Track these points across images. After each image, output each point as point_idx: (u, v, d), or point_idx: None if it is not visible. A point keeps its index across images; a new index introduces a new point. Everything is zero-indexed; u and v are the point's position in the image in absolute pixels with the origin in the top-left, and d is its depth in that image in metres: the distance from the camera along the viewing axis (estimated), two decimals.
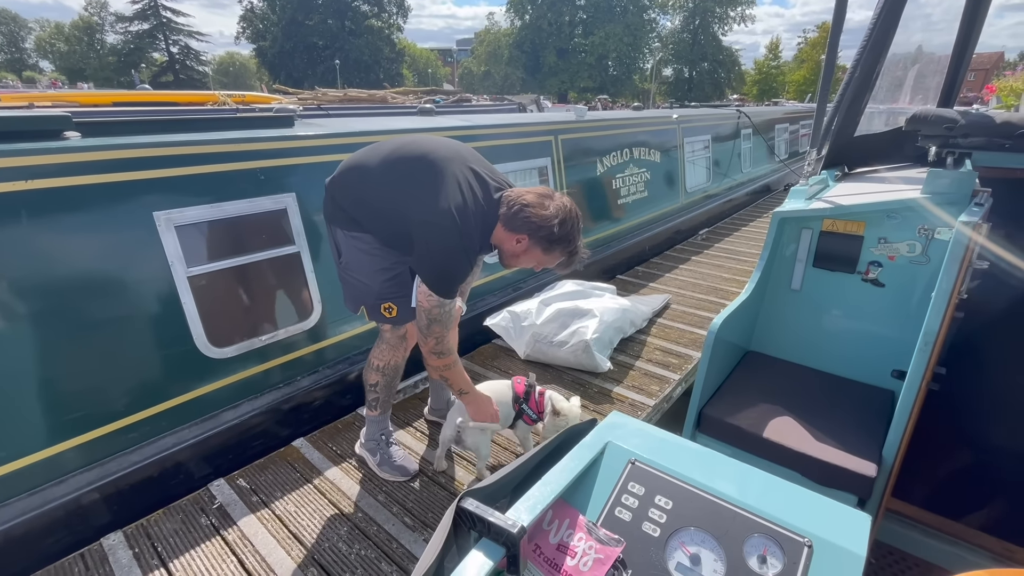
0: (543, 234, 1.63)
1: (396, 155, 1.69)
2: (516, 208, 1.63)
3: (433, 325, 1.70)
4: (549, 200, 1.66)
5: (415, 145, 1.71)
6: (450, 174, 1.62)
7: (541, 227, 1.62)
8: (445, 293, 1.65)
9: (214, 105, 4.97)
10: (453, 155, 1.68)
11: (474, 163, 1.72)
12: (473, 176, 1.67)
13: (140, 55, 41.80)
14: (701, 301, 3.97)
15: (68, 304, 1.82)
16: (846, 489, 1.59)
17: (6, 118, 1.77)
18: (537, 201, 1.64)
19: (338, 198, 1.76)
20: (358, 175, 1.72)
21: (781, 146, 9.14)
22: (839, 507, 0.75)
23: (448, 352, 1.77)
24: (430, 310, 1.67)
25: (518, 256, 1.73)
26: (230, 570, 1.73)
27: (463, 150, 1.75)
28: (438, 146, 1.71)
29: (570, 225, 1.66)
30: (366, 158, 1.74)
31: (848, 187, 2.26)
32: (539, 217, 1.62)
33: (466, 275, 1.72)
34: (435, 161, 1.64)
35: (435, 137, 1.80)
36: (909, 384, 1.53)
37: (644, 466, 0.83)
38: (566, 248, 1.69)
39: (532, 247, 1.68)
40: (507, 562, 0.73)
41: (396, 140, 1.76)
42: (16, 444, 1.75)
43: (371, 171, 1.69)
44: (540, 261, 1.74)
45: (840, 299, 2.10)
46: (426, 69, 55.23)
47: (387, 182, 1.66)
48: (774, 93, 44.14)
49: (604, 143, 4.60)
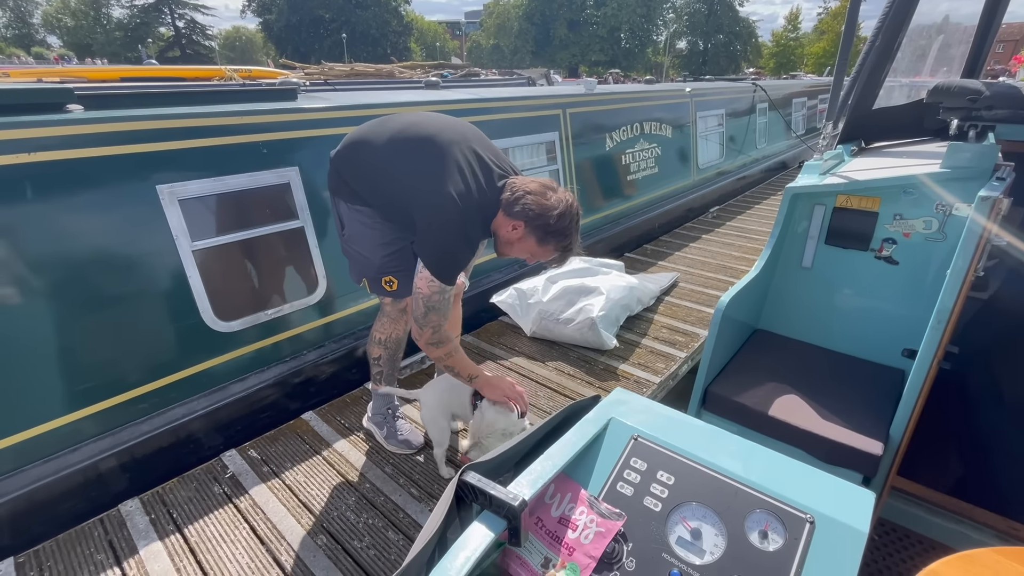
0: (540, 223, 1.61)
1: (402, 135, 1.66)
2: (519, 195, 1.62)
3: (430, 314, 1.67)
4: (552, 192, 1.64)
5: (421, 126, 1.68)
6: (453, 158, 1.60)
7: (539, 216, 1.60)
8: (447, 278, 1.63)
9: (220, 80, 4.92)
10: (458, 138, 1.66)
11: (479, 146, 1.69)
12: (477, 160, 1.64)
13: (146, 30, 41.43)
14: (710, 280, 3.93)
15: (74, 276, 1.84)
16: (851, 467, 1.58)
17: (9, 91, 1.77)
18: (539, 190, 1.62)
19: (342, 172, 1.75)
20: (363, 151, 1.70)
21: (799, 121, 8.88)
22: (843, 484, 0.75)
23: (445, 340, 1.74)
24: (429, 296, 1.65)
25: (512, 244, 1.69)
26: (243, 536, 1.78)
27: (469, 132, 1.72)
28: (444, 128, 1.68)
29: (568, 220, 1.63)
30: (372, 134, 1.71)
31: (864, 162, 2.20)
32: (539, 206, 1.60)
33: (468, 260, 1.71)
34: (440, 144, 1.62)
35: (443, 117, 1.76)
36: (920, 362, 1.51)
37: (647, 442, 0.83)
38: (561, 242, 1.66)
39: (527, 236, 1.65)
40: (508, 534, 0.74)
41: (404, 118, 1.73)
42: (31, 412, 1.80)
43: (376, 149, 1.67)
44: (533, 252, 1.70)
45: (852, 277, 2.06)
46: (434, 43, 54.17)
47: (391, 163, 1.65)
48: (792, 66, 42.73)
49: (614, 117, 4.50)
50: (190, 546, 1.75)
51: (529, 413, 1.93)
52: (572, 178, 4.04)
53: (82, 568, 1.66)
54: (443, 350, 1.76)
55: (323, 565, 1.68)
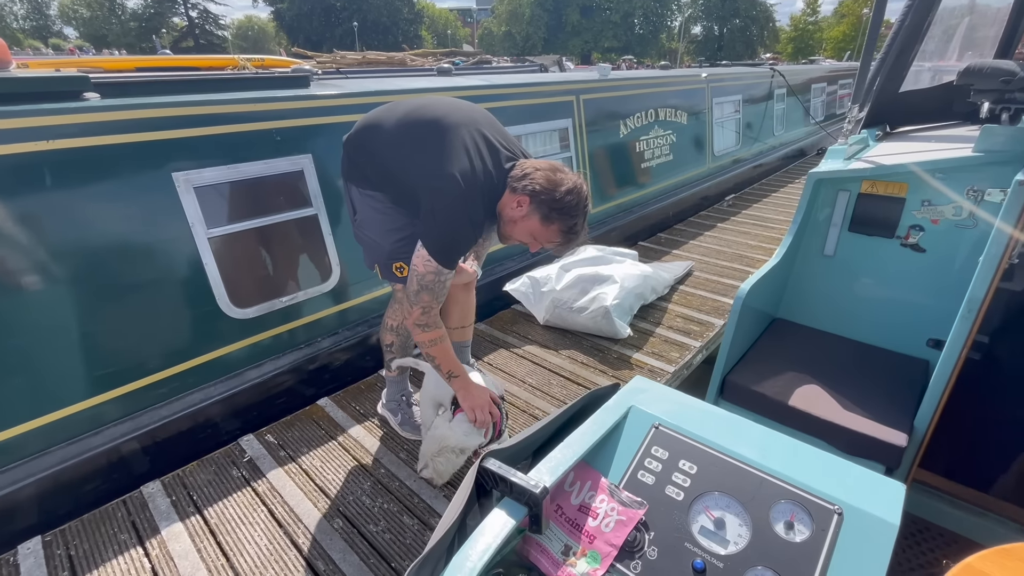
0: (545, 198, 1.53)
1: (410, 118, 1.65)
2: (527, 171, 1.57)
3: (423, 293, 1.60)
4: (560, 172, 1.58)
5: (428, 109, 1.66)
6: (460, 139, 1.57)
7: (545, 190, 1.52)
8: (445, 261, 1.58)
9: (233, 69, 4.94)
10: (466, 120, 1.63)
11: (488, 129, 1.66)
12: (484, 143, 1.61)
13: (160, 20, 41.66)
14: (725, 269, 3.88)
15: (93, 263, 1.87)
16: (874, 458, 1.56)
17: (27, 79, 1.79)
18: (548, 167, 1.58)
19: (353, 156, 1.75)
20: (373, 135, 1.70)
21: (818, 107, 8.67)
22: (871, 475, 0.73)
23: (434, 325, 1.66)
24: (424, 275, 1.59)
25: (516, 223, 1.61)
26: (261, 519, 1.82)
27: (478, 115, 1.69)
28: (452, 111, 1.66)
29: (575, 199, 1.55)
30: (382, 117, 1.71)
31: (890, 147, 2.13)
32: (547, 180, 1.54)
33: (470, 245, 1.66)
34: (447, 126, 1.59)
35: (453, 101, 1.74)
36: (948, 352, 1.47)
37: (668, 430, 0.82)
38: (567, 222, 1.56)
39: (531, 213, 1.57)
40: (529, 521, 0.73)
41: (413, 101, 1.71)
42: (57, 395, 1.84)
43: (384, 131, 1.67)
44: (536, 234, 1.61)
45: (876, 265, 2.01)
46: (445, 30, 53.75)
47: (398, 145, 1.64)
48: (810, 51, 41.65)
49: (628, 104, 4.43)
50: (210, 527, 1.78)
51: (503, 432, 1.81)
52: (585, 165, 3.99)
53: (106, 547, 1.71)
54: (430, 335, 1.67)
55: (339, 548, 1.71)
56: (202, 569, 1.64)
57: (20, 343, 1.74)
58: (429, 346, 1.70)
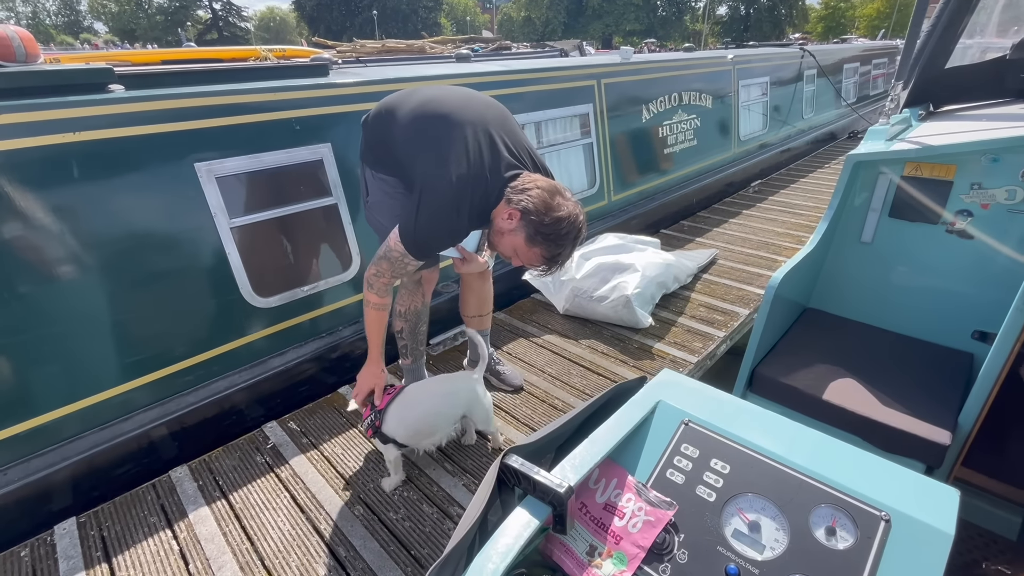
0: (535, 219, 1.49)
1: (421, 110, 1.63)
2: (527, 186, 1.53)
3: (383, 260, 1.64)
4: (561, 197, 1.54)
5: (440, 102, 1.63)
6: (461, 140, 1.53)
7: (537, 211, 1.48)
8: (413, 251, 1.59)
9: (255, 60, 4.96)
10: (475, 118, 1.58)
11: (498, 129, 1.61)
12: (488, 145, 1.57)
13: (185, 13, 42.36)
14: (750, 256, 3.77)
15: (120, 253, 1.90)
16: (914, 456, 1.49)
17: (53, 72, 1.81)
18: (549, 188, 1.53)
19: (368, 139, 1.77)
20: (387, 120, 1.70)
21: (850, 89, 8.31)
22: (920, 479, 0.68)
23: (379, 290, 1.68)
24: (391, 249, 1.61)
25: (503, 235, 1.58)
26: (284, 504, 1.85)
27: (490, 114, 1.64)
28: (463, 107, 1.61)
29: (566, 228, 1.51)
30: (398, 104, 1.70)
31: (934, 126, 2.01)
32: (541, 201, 1.49)
33: (445, 246, 1.66)
34: (452, 124, 1.56)
35: (468, 95, 1.70)
36: (999, 346, 1.38)
37: (698, 427, 0.78)
38: (550, 248, 1.53)
39: (519, 230, 1.53)
40: (553, 520, 0.71)
41: (428, 92, 1.69)
42: (90, 382, 1.90)
43: (398, 120, 1.66)
44: (519, 250, 1.58)
45: (918, 253, 1.91)
46: (464, 17, 53.29)
47: (406, 135, 1.63)
48: (842, 30, 39.97)
49: (651, 88, 4.31)
50: (235, 512, 1.82)
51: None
52: (607, 151, 3.91)
53: (137, 529, 1.76)
54: (373, 297, 1.70)
55: (360, 534, 1.73)
56: (227, 552, 1.68)
57: (55, 331, 1.79)
58: (367, 306, 1.73)
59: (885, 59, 9.70)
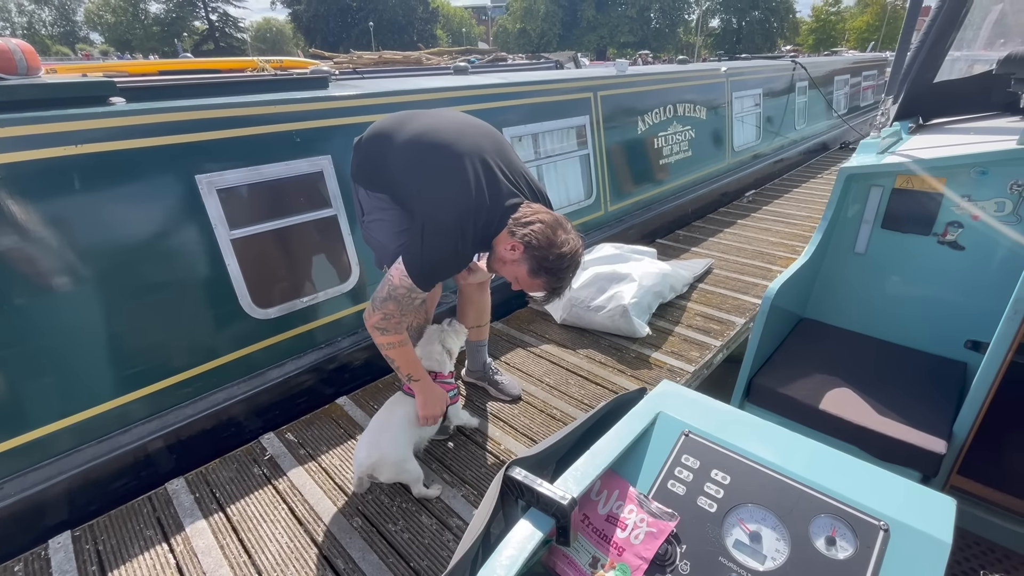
0: (540, 254, 1.55)
1: (420, 140, 1.64)
2: (530, 219, 1.57)
3: (389, 301, 1.63)
4: (563, 231, 1.59)
5: (439, 133, 1.64)
6: (462, 172, 1.56)
7: (541, 246, 1.54)
8: (421, 283, 1.60)
9: (253, 71, 5.00)
10: (473, 148, 1.61)
11: (495, 157, 1.64)
12: (486, 175, 1.60)
13: (182, 24, 42.52)
14: (745, 266, 3.81)
15: (121, 265, 1.91)
16: (910, 465, 1.50)
17: (55, 85, 1.83)
18: (552, 223, 1.58)
19: (362, 161, 1.77)
20: (384, 146, 1.70)
21: (840, 100, 8.44)
22: (917, 488, 0.69)
23: (392, 330, 1.69)
24: (397, 287, 1.61)
25: (505, 264, 1.64)
26: (282, 517, 1.84)
27: (486, 142, 1.67)
28: (461, 136, 1.64)
29: (568, 263, 1.58)
30: (394, 129, 1.70)
31: (924, 139, 2.05)
32: (545, 238, 1.55)
33: (451, 273, 1.68)
34: (452, 155, 1.58)
35: (462, 122, 1.71)
36: (992, 355, 1.40)
37: (698, 438, 0.79)
38: (552, 282, 1.61)
39: (522, 261, 1.59)
40: (556, 532, 0.71)
41: (426, 120, 1.69)
42: (86, 395, 1.89)
43: (395, 148, 1.66)
44: (521, 279, 1.64)
45: (910, 263, 1.94)
46: (460, 28, 53.78)
47: (405, 165, 1.64)
48: (832, 42, 40.61)
49: (646, 99, 4.37)
50: (232, 524, 1.81)
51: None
52: (603, 162, 3.95)
53: (133, 542, 1.74)
54: (388, 339, 1.70)
55: (358, 546, 1.72)
56: (224, 566, 1.66)
57: (53, 343, 1.79)
58: (387, 348, 1.73)
59: (874, 71, 9.87)
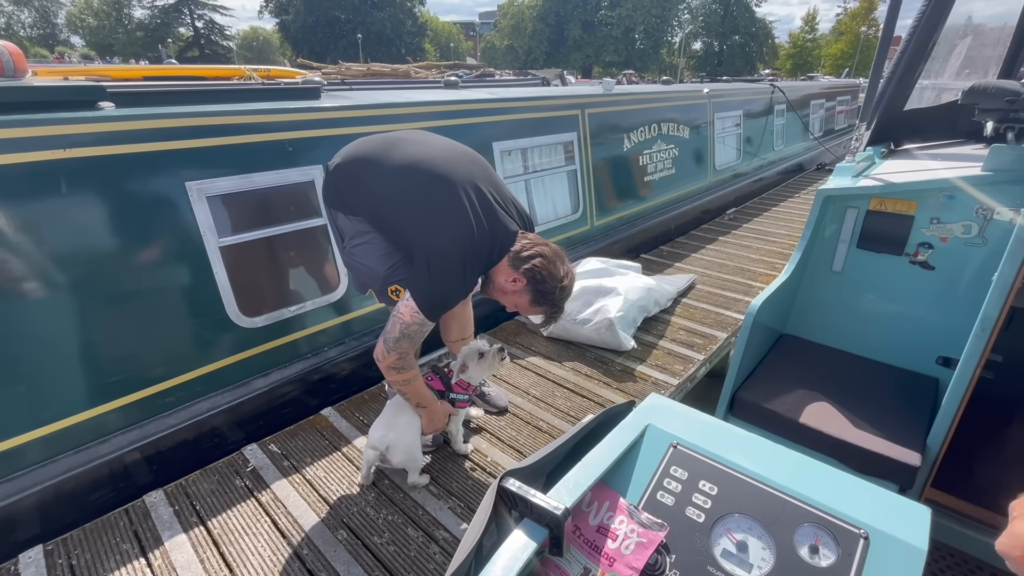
0: (543, 288, 1.65)
1: (413, 169, 1.63)
2: (531, 254, 1.64)
3: (403, 341, 1.66)
4: (562, 264, 1.69)
5: (431, 163, 1.64)
6: (460, 203, 1.59)
7: (545, 281, 1.64)
8: (432, 316, 1.65)
9: (240, 79, 4.99)
10: (466, 178, 1.64)
11: (484, 183, 1.68)
12: (481, 204, 1.63)
13: (166, 30, 42.14)
14: (727, 282, 3.89)
15: (106, 271, 1.88)
16: (886, 478, 1.54)
17: (44, 88, 1.81)
18: (551, 256, 1.67)
19: (341, 187, 1.72)
20: (367, 173, 1.67)
21: (816, 123, 8.76)
22: (895, 498, 0.72)
23: (408, 367, 1.75)
24: (409, 324, 1.64)
25: (505, 293, 1.72)
26: (264, 529, 1.80)
27: (476, 170, 1.70)
28: (453, 166, 1.66)
29: (566, 293, 1.71)
30: (377, 154, 1.68)
31: (895, 164, 2.15)
32: (548, 273, 1.64)
33: (459, 302, 1.73)
34: (448, 186, 1.61)
35: (449, 150, 1.73)
36: (961, 371, 1.46)
37: (686, 450, 0.81)
38: (552, 310, 1.73)
39: (524, 293, 1.68)
40: (549, 543, 0.72)
41: (413, 149, 1.69)
42: (62, 405, 1.83)
43: (383, 176, 1.64)
44: (521, 307, 1.75)
45: (884, 282, 2.02)
46: (448, 43, 54.36)
47: (398, 196, 1.63)
48: (809, 68, 42.15)
49: (632, 118, 4.48)
50: (213, 538, 1.77)
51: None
52: (590, 178, 4.02)
53: (108, 557, 1.69)
54: (404, 376, 1.75)
55: (343, 559, 1.69)
56: None
57: (32, 351, 1.75)
58: (402, 385, 1.80)
59: (848, 96, 10.27)
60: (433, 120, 2.89)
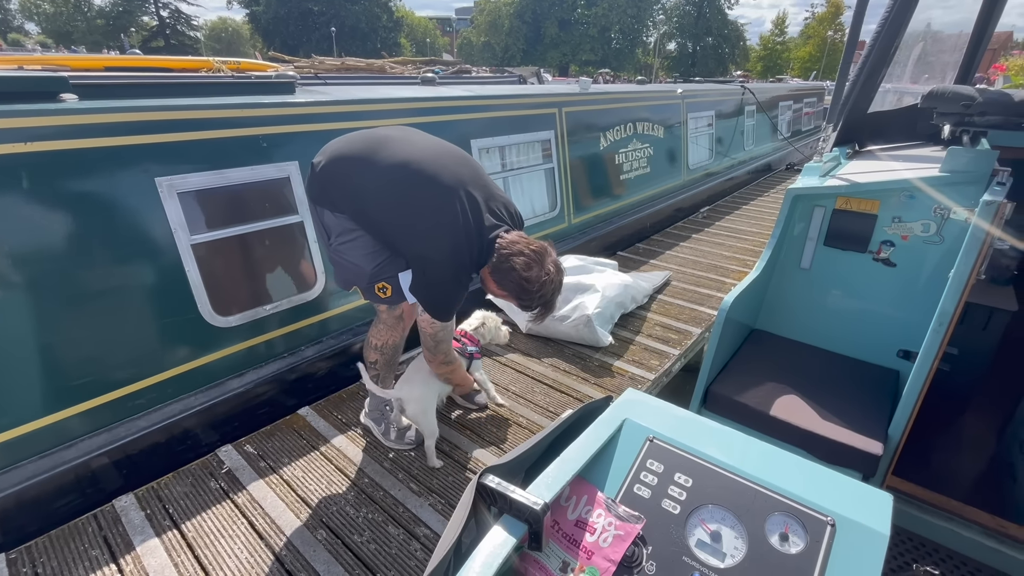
0: (525, 298, 1.73)
1: (403, 170, 1.63)
2: (506, 268, 1.67)
3: (441, 345, 1.91)
4: (538, 267, 1.68)
5: (421, 165, 1.63)
6: (452, 210, 1.61)
7: (525, 291, 1.70)
8: (444, 318, 1.81)
9: (208, 71, 4.84)
10: (455, 182, 1.64)
11: (473, 186, 1.69)
12: (471, 208, 1.65)
13: (129, 19, 40.41)
14: (701, 278, 3.99)
15: (71, 270, 1.81)
16: (851, 467, 1.61)
17: (1, 79, 1.73)
18: (532, 257, 1.68)
19: (327, 185, 1.69)
20: (357, 170, 1.65)
21: (784, 124, 9.02)
22: (859, 486, 0.75)
23: (454, 360, 2.05)
24: (435, 334, 1.87)
25: (496, 294, 1.84)
26: (241, 531, 1.77)
27: (465, 172, 1.70)
28: (442, 169, 1.65)
29: (550, 292, 1.74)
30: (365, 153, 1.66)
31: (860, 165, 2.24)
32: (525, 280, 1.68)
33: (462, 299, 1.80)
34: (439, 191, 1.62)
35: (438, 151, 1.72)
36: (920, 364, 1.53)
37: (662, 443, 0.83)
38: (539, 310, 1.80)
39: (510, 296, 1.77)
40: (529, 538, 0.73)
41: (402, 149, 1.67)
42: (22, 409, 1.76)
43: (372, 177, 1.63)
44: (515, 306, 1.85)
45: (849, 278, 2.10)
46: (424, 39, 53.74)
47: (384, 195, 1.63)
48: (779, 70, 43.27)
49: (608, 117, 4.53)
50: (187, 541, 1.73)
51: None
52: (567, 176, 4.06)
53: (76, 564, 1.64)
54: (452, 367, 2.05)
55: (323, 559, 1.68)
56: None
57: None
58: (449, 373, 2.08)
59: (815, 98, 10.59)
60: (411, 117, 2.87)
